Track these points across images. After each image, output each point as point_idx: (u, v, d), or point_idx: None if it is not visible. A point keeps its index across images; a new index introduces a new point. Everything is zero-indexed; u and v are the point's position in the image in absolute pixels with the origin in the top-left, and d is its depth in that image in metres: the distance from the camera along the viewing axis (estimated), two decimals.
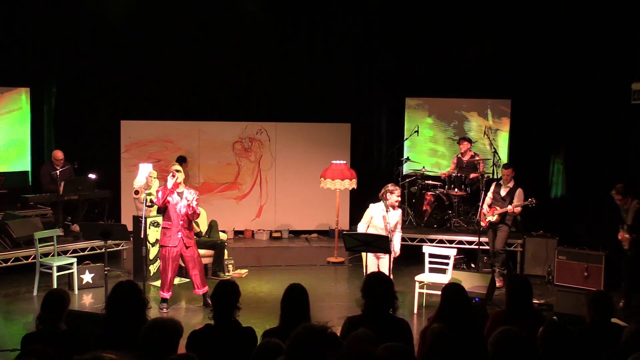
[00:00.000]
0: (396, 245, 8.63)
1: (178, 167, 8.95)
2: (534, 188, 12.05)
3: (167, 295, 8.96)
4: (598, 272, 10.10)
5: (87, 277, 9.96)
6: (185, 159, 13.15)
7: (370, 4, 13.75)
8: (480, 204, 10.53)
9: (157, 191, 8.91)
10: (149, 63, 13.56)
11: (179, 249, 8.85)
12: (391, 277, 8.42)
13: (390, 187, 8.67)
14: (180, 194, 8.83)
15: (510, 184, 10.39)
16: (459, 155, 12.64)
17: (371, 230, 8.64)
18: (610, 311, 5.19)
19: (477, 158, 12.40)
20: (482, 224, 10.47)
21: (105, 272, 8.22)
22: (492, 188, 10.57)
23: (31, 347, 4.16)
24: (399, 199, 8.69)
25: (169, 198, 8.75)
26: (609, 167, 11.12)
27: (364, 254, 8.56)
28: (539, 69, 13.06)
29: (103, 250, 8.41)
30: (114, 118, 13.53)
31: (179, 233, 8.82)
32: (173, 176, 8.75)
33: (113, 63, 13.41)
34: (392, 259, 8.18)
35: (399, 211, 8.77)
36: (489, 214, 10.36)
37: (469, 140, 12.71)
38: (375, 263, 8.51)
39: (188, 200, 8.79)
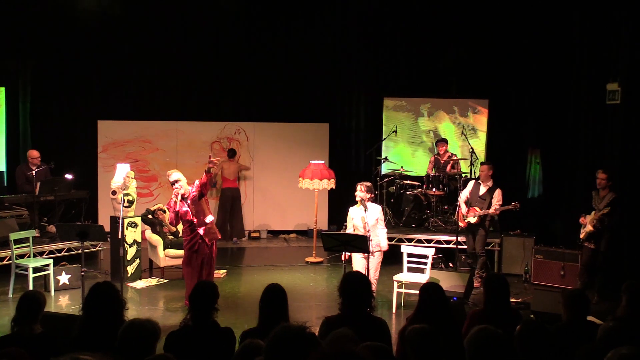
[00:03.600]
0: (382, 241, 8.49)
1: (174, 177, 8.72)
2: (511, 187, 12.17)
3: None
4: (574, 270, 10.17)
5: (64, 279, 9.87)
6: (235, 152, 13.45)
7: (349, 5, 13.78)
8: (458, 204, 10.54)
9: (171, 211, 8.77)
10: (126, 63, 13.49)
11: (200, 254, 8.78)
12: (377, 276, 8.47)
13: (356, 187, 8.59)
14: (185, 199, 8.73)
15: (489, 183, 10.29)
16: (436, 156, 12.69)
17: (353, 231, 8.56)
18: (586, 309, 5.24)
19: (454, 158, 12.47)
20: (461, 224, 10.39)
21: (82, 273, 8.16)
22: (471, 187, 10.45)
23: (5, 349, 4.10)
24: (363, 193, 8.39)
25: (184, 209, 8.68)
26: (585, 166, 11.22)
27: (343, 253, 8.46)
28: (516, 69, 13.17)
29: (80, 251, 8.35)
30: (91, 118, 13.43)
31: (197, 235, 8.74)
32: (176, 195, 8.63)
33: (90, 63, 13.33)
34: (380, 258, 8.33)
35: (378, 207, 8.68)
36: (468, 215, 10.24)
37: (446, 142, 12.78)
38: (364, 262, 8.41)
39: (194, 193, 8.69)
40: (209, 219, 8.82)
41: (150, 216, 10.80)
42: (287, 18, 13.93)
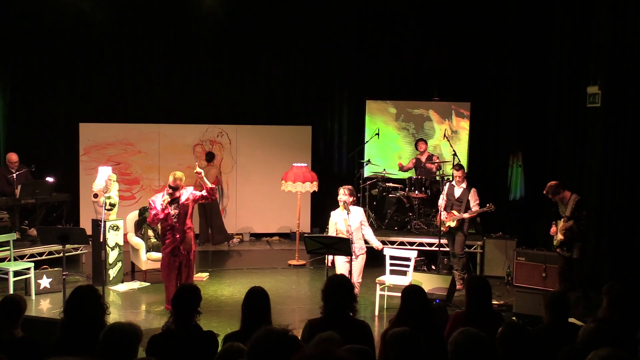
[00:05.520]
0: (374, 241, 8.62)
1: (180, 182, 8.52)
2: (493, 190, 12.24)
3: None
4: (556, 272, 10.22)
5: (45, 282, 9.79)
6: (214, 156, 13.31)
7: (331, 7, 13.79)
8: (440, 208, 10.52)
9: (150, 210, 8.58)
10: (108, 65, 13.42)
11: (180, 258, 8.63)
12: (360, 279, 8.45)
13: (338, 191, 8.62)
14: (175, 201, 8.55)
15: (464, 184, 10.32)
16: (418, 157, 12.74)
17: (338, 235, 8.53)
18: (567, 311, 5.27)
19: (434, 159, 12.52)
20: (442, 229, 10.36)
21: (64, 277, 8.08)
22: (446, 190, 10.48)
23: None
24: (346, 197, 8.41)
25: (167, 211, 8.51)
26: (566, 169, 11.31)
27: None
28: (498, 72, 13.26)
29: (61, 254, 8.28)
30: (72, 120, 13.34)
31: (176, 241, 8.58)
32: (166, 201, 8.45)
33: (71, 64, 13.24)
34: (363, 261, 8.27)
35: (360, 210, 8.70)
36: (447, 220, 10.24)
37: (425, 141, 12.84)
38: (347, 266, 8.40)
39: (188, 200, 8.57)
40: (189, 227, 8.72)
41: (147, 212, 10.72)
42: (269, 20, 13.90)
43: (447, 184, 10.63)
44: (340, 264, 8.40)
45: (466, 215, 10.18)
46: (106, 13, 12.95)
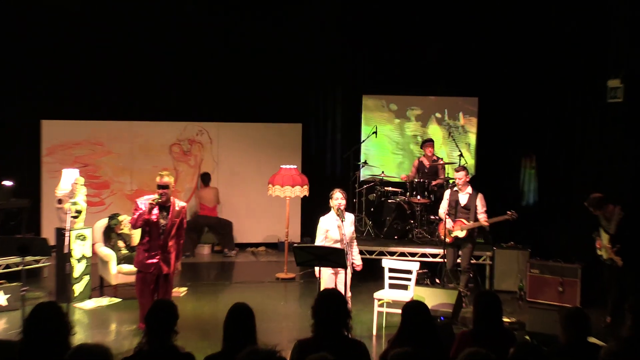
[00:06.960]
0: (357, 259, 8.53)
1: (169, 181, 8.37)
2: (503, 194, 12.24)
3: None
4: (574, 286, 10.27)
5: (1, 299, 9.74)
6: (210, 177, 13.76)
7: None
8: (441, 217, 10.44)
9: (134, 212, 8.38)
10: (75, 57, 13.34)
11: (155, 273, 8.49)
12: (349, 294, 8.42)
13: (331, 194, 8.59)
14: (166, 209, 8.43)
15: (469, 190, 10.21)
16: (421, 159, 12.69)
17: (328, 244, 8.51)
18: (587, 329, 5.25)
19: (440, 162, 12.49)
20: (447, 239, 10.17)
21: (23, 293, 8.01)
22: (448, 196, 10.31)
23: None
24: (342, 201, 8.46)
25: (154, 217, 8.37)
26: (584, 171, 11.32)
27: (317, 268, 8.48)
28: (508, 64, 13.26)
29: (20, 267, 8.23)
30: (33, 117, 13.27)
31: (157, 255, 8.46)
32: (153, 200, 8.28)
33: (33, 55, 13.16)
34: (350, 274, 8.19)
35: (352, 217, 8.67)
36: (455, 229, 10.14)
37: (433, 142, 12.79)
38: (333, 279, 8.44)
39: (177, 218, 8.48)
40: (172, 246, 8.62)
41: (113, 220, 10.68)
42: (257, 8, 13.88)
43: (449, 189, 10.50)
44: (326, 276, 8.39)
45: (485, 224, 10.11)
46: (73, 1, 12.92)
